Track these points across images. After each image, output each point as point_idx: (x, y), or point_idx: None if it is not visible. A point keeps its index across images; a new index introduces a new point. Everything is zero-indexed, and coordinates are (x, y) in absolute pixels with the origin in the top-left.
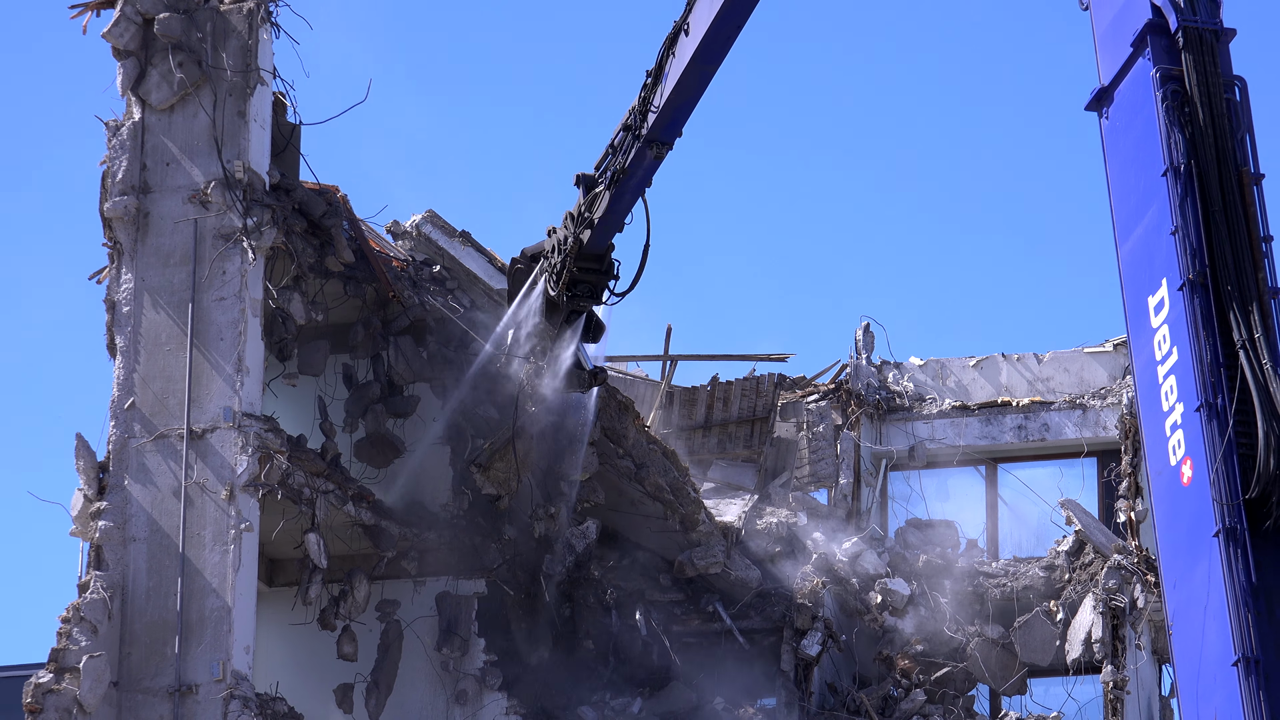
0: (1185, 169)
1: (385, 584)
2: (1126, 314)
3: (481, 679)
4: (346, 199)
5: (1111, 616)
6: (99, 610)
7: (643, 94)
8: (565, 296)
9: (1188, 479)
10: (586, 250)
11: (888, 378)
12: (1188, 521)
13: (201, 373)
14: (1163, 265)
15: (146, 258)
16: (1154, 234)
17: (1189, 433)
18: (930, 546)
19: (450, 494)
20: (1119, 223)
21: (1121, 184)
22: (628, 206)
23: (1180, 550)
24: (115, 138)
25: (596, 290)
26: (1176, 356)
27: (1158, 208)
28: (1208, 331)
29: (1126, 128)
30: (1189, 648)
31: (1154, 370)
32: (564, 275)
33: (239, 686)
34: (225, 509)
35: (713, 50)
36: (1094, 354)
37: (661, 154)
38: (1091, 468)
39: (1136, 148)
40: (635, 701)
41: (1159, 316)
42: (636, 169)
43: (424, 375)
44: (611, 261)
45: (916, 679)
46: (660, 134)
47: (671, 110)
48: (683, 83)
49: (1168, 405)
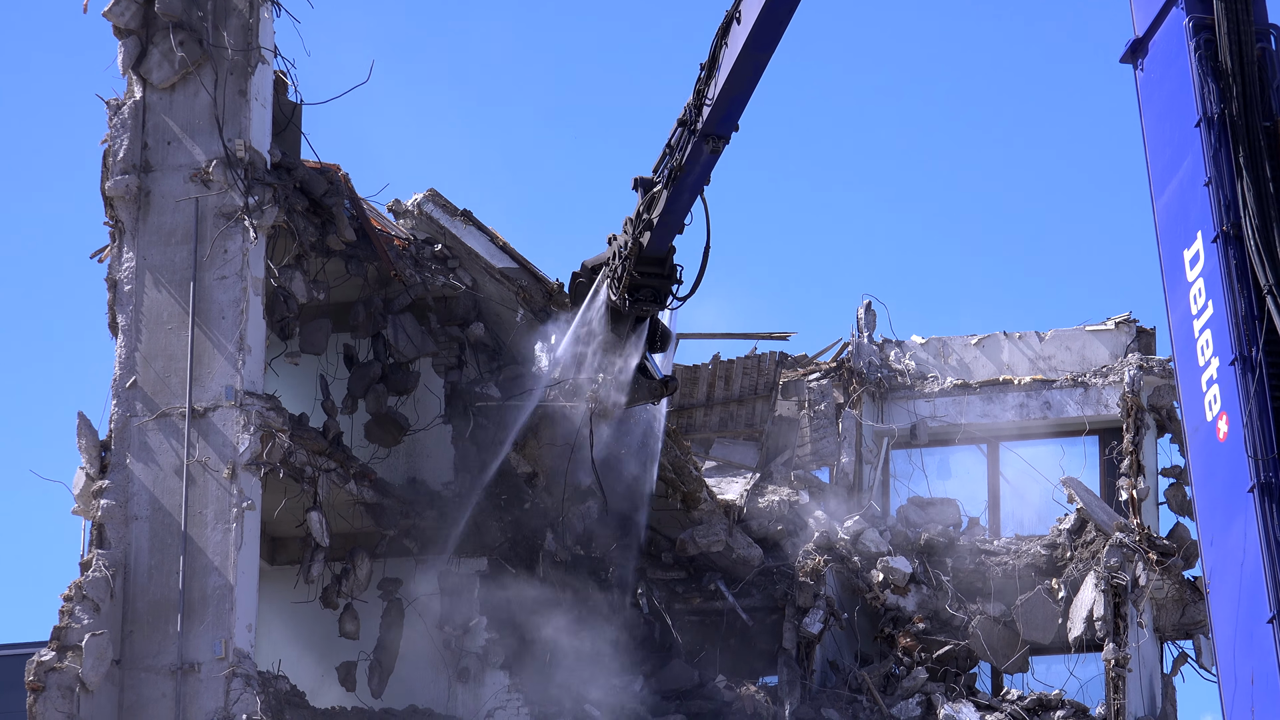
0: (1219, 119)
1: (387, 562)
2: (1163, 268)
3: (484, 657)
4: (348, 178)
5: (1113, 594)
6: (101, 588)
7: (697, 86)
8: (628, 301)
9: (1223, 434)
10: (647, 253)
11: (889, 356)
12: (1223, 478)
13: (203, 351)
14: (1197, 218)
15: (148, 236)
16: (1189, 187)
17: (1224, 387)
18: (932, 524)
19: (452, 472)
20: (1155, 176)
21: (1157, 137)
22: (686, 205)
23: (1216, 507)
24: (116, 116)
25: (660, 294)
26: (1211, 310)
27: (1192, 160)
28: (1242, 283)
29: (1161, 79)
30: (1226, 606)
31: (1190, 325)
32: (625, 279)
33: (241, 665)
34: (227, 487)
35: (765, 37)
36: (1095, 332)
37: (718, 148)
38: (1093, 446)
39: (1171, 99)
40: (637, 679)
41: (1194, 270)
42: (694, 165)
43: (426, 352)
44: (674, 265)
45: (918, 657)
46: (716, 127)
47: (726, 102)
48: (736, 73)
49: (1203, 360)
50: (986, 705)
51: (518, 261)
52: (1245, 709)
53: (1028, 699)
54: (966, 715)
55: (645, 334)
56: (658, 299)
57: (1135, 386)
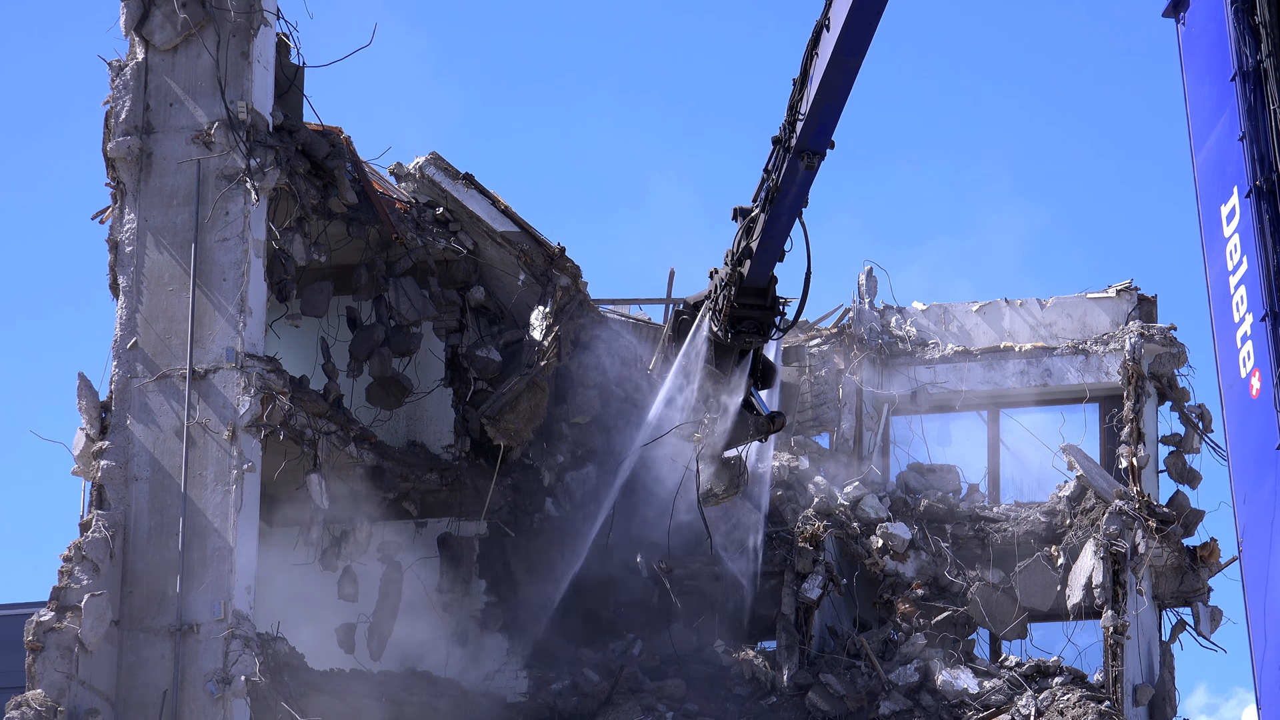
0: (1254, 73)
1: (387, 525)
2: (1201, 224)
3: (482, 620)
4: (350, 141)
5: (1112, 562)
6: (101, 549)
7: (790, 102)
8: (730, 334)
9: (1256, 391)
10: (748, 284)
11: (890, 322)
12: (1256, 435)
13: (204, 313)
14: (1234, 173)
15: (149, 198)
16: (1225, 141)
17: (1257, 344)
18: (932, 491)
19: (453, 435)
20: (1195, 131)
21: (1197, 91)
22: (785, 230)
23: (1249, 465)
24: (119, 78)
25: (763, 326)
26: (1246, 266)
27: (1229, 114)
28: (1275, 238)
29: (1201, 33)
30: (1257, 565)
31: (1226, 281)
32: (726, 312)
33: (240, 626)
34: (227, 449)
35: (854, 42)
36: (1097, 299)
37: (813, 164)
38: (1094, 413)
39: (1210, 53)
40: (636, 644)
41: (1230, 226)
42: (790, 185)
43: (427, 315)
44: (776, 296)
45: (917, 623)
46: (810, 142)
47: (819, 114)
48: (828, 82)
49: (1238, 316)
50: (984, 672)
51: (519, 225)
52: (1276, 673)
53: (1026, 666)
54: (964, 681)
55: (749, 369)
56: (761, 331)
57: (1136, 354)
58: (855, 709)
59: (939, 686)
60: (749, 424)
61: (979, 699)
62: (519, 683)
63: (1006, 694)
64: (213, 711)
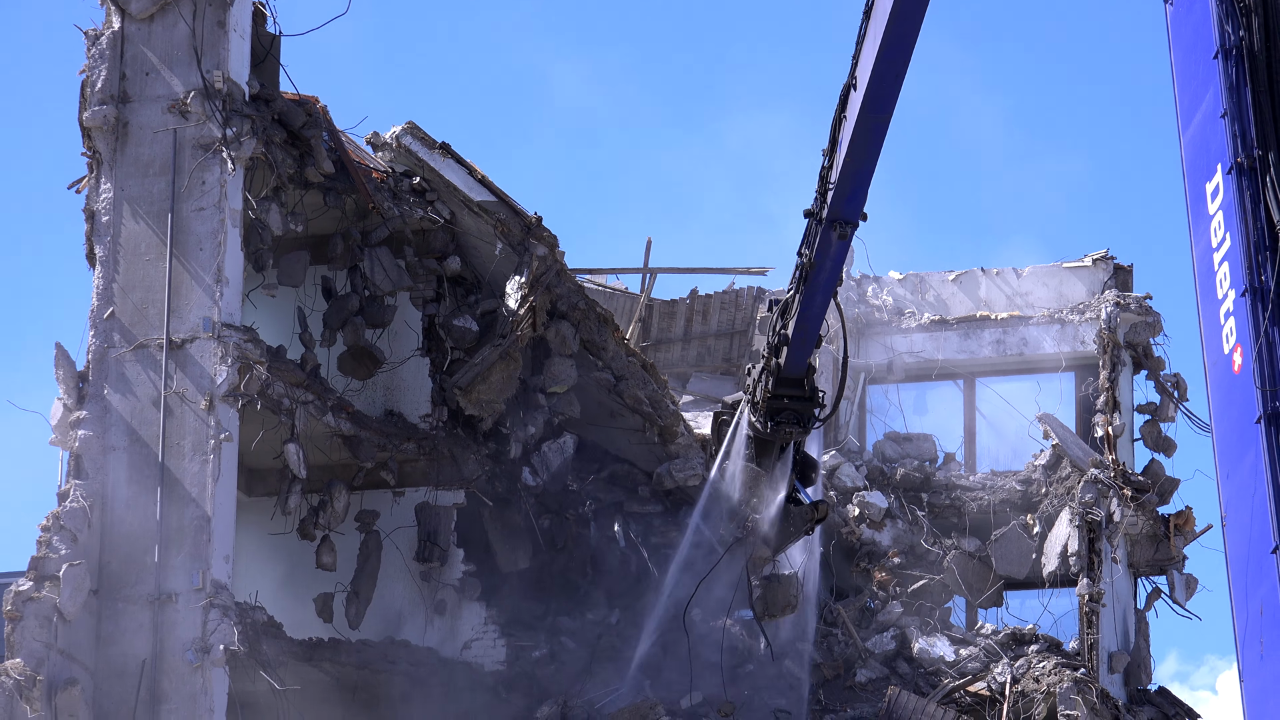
0: (1236, 52)
1: (364, 494)
2: (1188, 202)
3: (460, 589)
4: (326, 110)
5: (1088, 530)
6: (79, 519)
7: (820, 173)
8: (770, 426)
9: (1238, 366)
10: (786, 373)
11: (867, 291)
12: (1238, 410)
13: (181, 283)
14: (1217, 150)
15: (126, 167)
16: (1210, 119)
17: (1239, 319)
18: (908, 460)
19: (430, 405)
20: (1182, 110)
21: (1184, 70)
22: (820, 310)
23: (1232, 439)
24: (95, 47)
25: (802, 417)
26: (1229, 243)
27: (1213, 93)
28: (1255, 215)
29: (1188, 12)
30: (1239, 538)
31: (1210, 258)
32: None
33: (218, 595)
34: (205, 419)
35: (883, 96)
36: (1073, 269)
37: (846, 234)
38: (1069, 382)
39: (1196, 33)
40: (613, 613)
41: (1215, 203)
42: (824, 259)
43: (403, 285)
44: (814, 386)
45: (893, 591)
46: (843, 211)
47: (851, 179)
48: (856, 143)
49: (1221, 292)
50: (960, 639)
51: (496, 195)
52: (1257, 641)
53: (1001, 633)
54: (941, 649)
55: (790, 461)
56: (800, 422)
57: (1112, 323)
58: (832, 677)
59: (915, 654)
60: (795, 518)
61: (955, 667)
62: (497, 651)
63: (982, 662)
64: (191, 680)
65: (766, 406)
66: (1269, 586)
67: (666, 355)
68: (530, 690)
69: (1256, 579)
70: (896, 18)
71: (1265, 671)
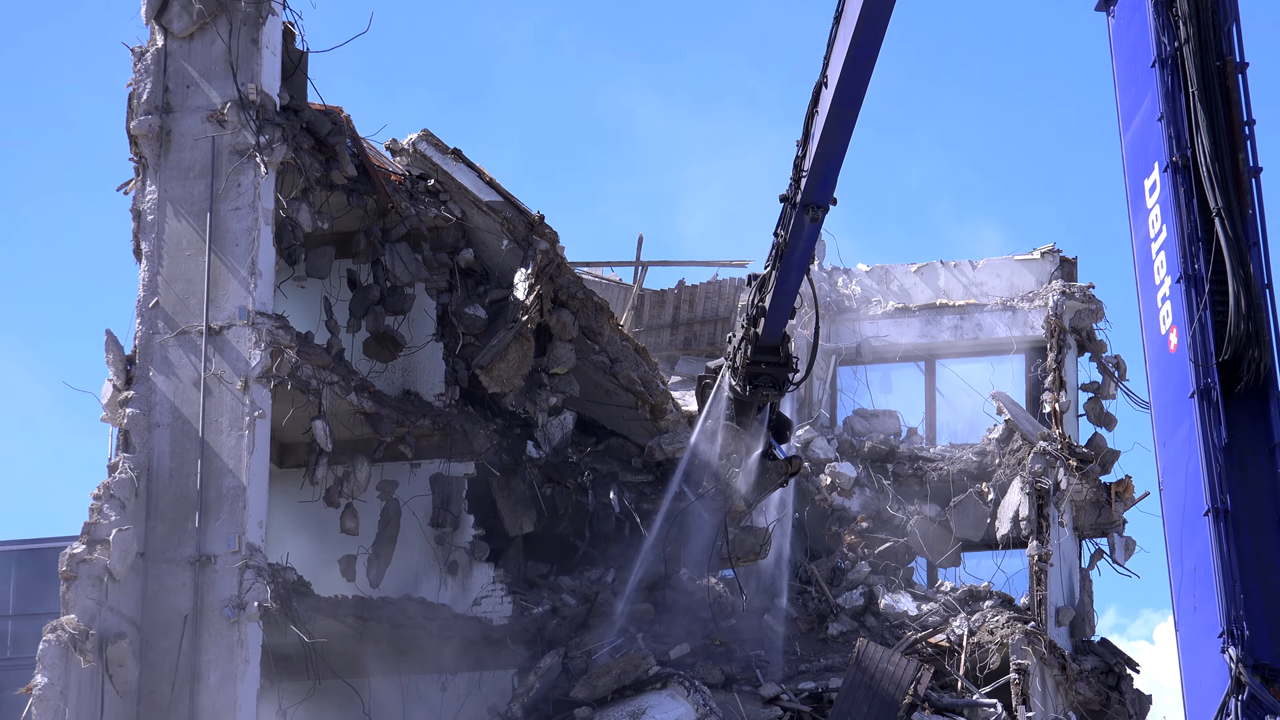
0: (1172, 60)
1: (384, 466)
2: (1128, 197)
3: (471, 552)
4: (350, 119)
5: (1037, 497)
6: (127, 488)
7: (795, 161)
8: (749, 389)
9: (1174, 346)
10: (763, 341)
11: (837, 282)
12: (1174, 386)
13: (219, 275)
14: (1155, 150)
15: (169, 171)
16: (1148, 122)
17: (1174, 303)
18: (875, 434)
19: (444, 385)
20: (1123, 114)
21: (1125, 78)
22: (794, 285)
23: (1168, 413)
24: (140, 63)
25: (778, 381)
26: (1165, 234)
27: (1151, 97)
28: (1188, 208)
29: (1128, 25)
30: (1175, 502)
31: (1149, 248)
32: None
33: (253, 557)
34: (240, 398)
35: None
36: (1023, 261)
37: (818, 217)
38: (1020, 364)
39: (1135, 43)
40: (609, 572)
41: (1152, 198)
42: (798, 240)
43: (419, 277)
44: (788, 352)
45: (862, 552)
46: (815, 196)
47: (822, 167)
48: (828, 135)
49: (1159, 279)
50: (922, 596)
51: (503, 195)
52: (1190, 596)
53: (959, 590)
54: (905, 605)
55: (767, 421)
56: (776, 385)
57: (1058, 310)
58: (806, 630)
59: (882, 609)
60: (771, 472)
61: (918, 620)
62: (504, 607)
63: (942, 616)
64: (229, 634)
65: (746, 371)
66: (1201, 546)
67: (656, 340)
68: (534, 642)
69: (1190, 539)
70: (863, 24)
71: (1197, 622)
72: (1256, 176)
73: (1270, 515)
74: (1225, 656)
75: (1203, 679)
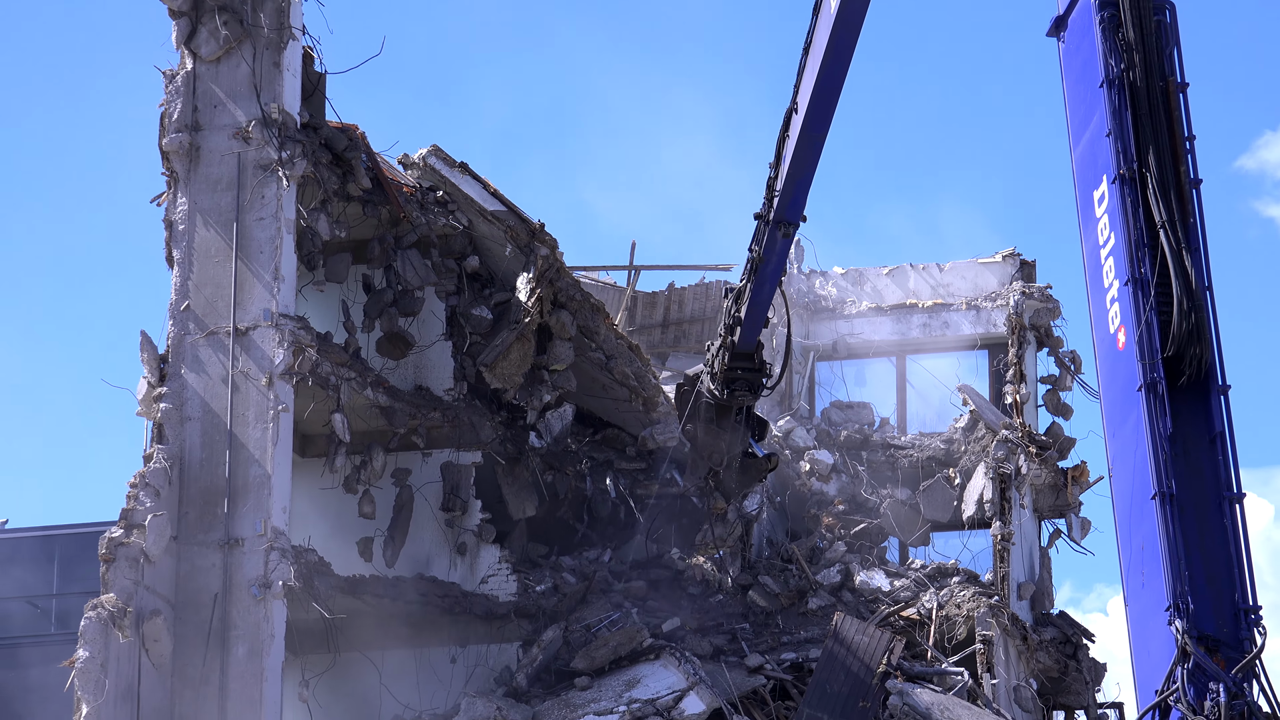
0: (1119, 81)
1: (399, 455)
2: (1079, 207)
3: (478, 534)
4: (365, 135)
5: (1000, 481)
6: (161, 477)
7: (768, 181)
8: (726, 393)
9: (1122, 344)
10: (739, 349)
11: (815, 284)
12: (1122, 380)
13: (245, 280)
14: (1103, 164)
15: (198, 184)
16: (1097, 138)
17: (1123, 304)
18: (850, 424)
19: (452, 380)
20: (1073, 131)
21: (1075, 97)
22: (768, 297)
23: (1117, 405)
24: (171, 85)
25: (753, 385)
26: (1113, 240)
27: (1099, 115)
28: (1134, 217)
29: (1077, 49)
30: (1124, 487)
31: (1098, 254)
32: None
33: (277, 540)
34: (265, 393)
35: (820, 117)
36: (986, 264)
37: (789, 233)
38: (984, 358)
39: (1084, 66)
40: (605, 552)
41: (1101, 207)
42: (771, 254)
43: (429, 281)
44: (762, 360)
45: (839, 533)
46: (786, 214)
47: (793, 187)
48: (798, 157)
49: (1107, 282)
50: (894, 573)
51: (506, 205)
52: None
53: (929, 567)
54: (878, 581)
55: (744, 422)
56: (751, 389)
57: (1019, 309)
58: (788, 604)
59: (857, 585)
60: (750, 469)
61: (890, 595)
62: (509, 585)
63: (913, 591)
64: (255, 611)
65: (723, 377)
66: (1149, 527)
67: (648, 338)
68: (537, 617)
69: (1138, 520)
70: (831, 56)
71: (1145, 597)
72: (1196, 188)
73: (1211, 498)
74: (1172, 628)
75: (1151, 649)
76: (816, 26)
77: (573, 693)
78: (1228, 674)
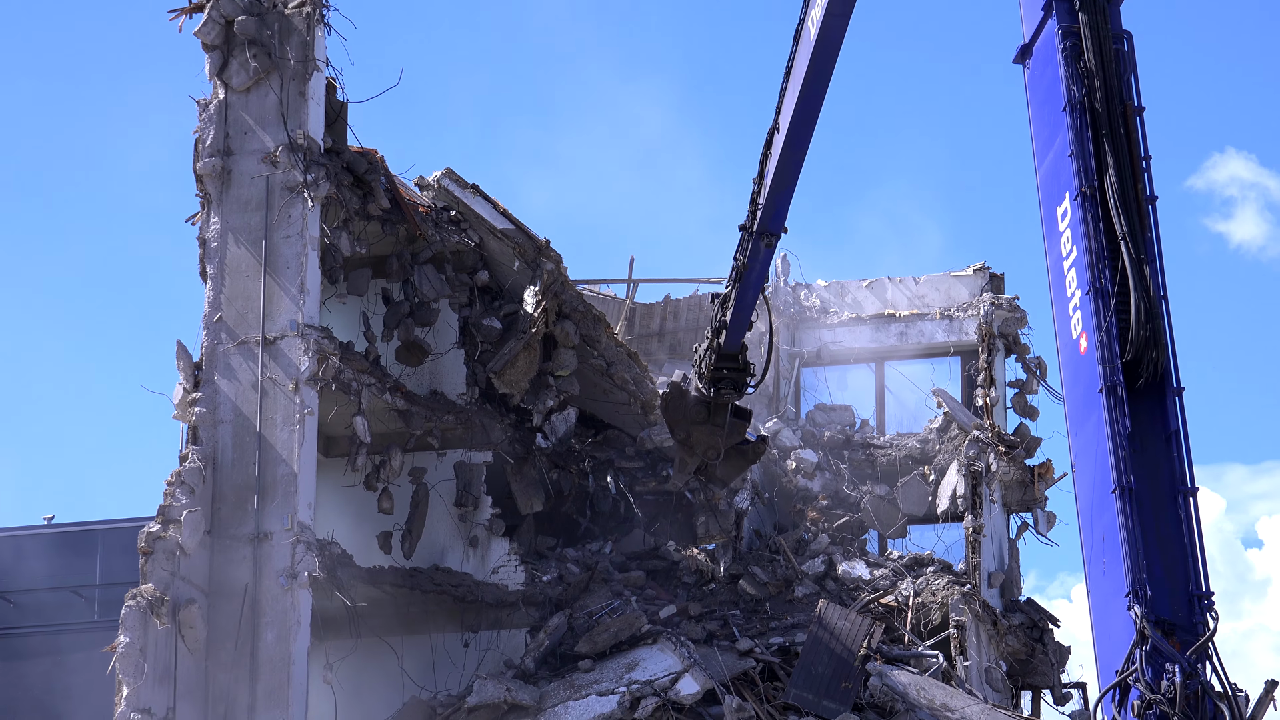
0: (1080, 104)
1: (415, 455)
2: (1043, 222)
3: (489, 528)
4: (383, 159)
5: (971, 478)
6: (195, 476)
7: (751, 195)
8: (713, 391)
9: (1084, 349)
10: (725, 350)
11: (800, 295)
12: (1084, 383)
13: (273, 293)
14: (1066, 182)
15: (229, 205)
16: (1060, 158)
17: (1084, 312)
18: (833, 425)
19: (465, 386)
20: (1037, 151)
21: (1039, 120)
22: (751, 303)
23: (1079, 406)
24: (205, 113)
25: (738, 384)
26: (1076, 253)
27: (1062, 137)
28: (1095, 231)
29: (1041, 75)
30: (1086, 482)
31: (1061, 265)
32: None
33: (303, 534)
34: (292, 398)
35: (801, 136)
36: (959, 276)
37: (771, 243)
38: (956, 364)
39: (1048, 90)
40: (607, 545)
41: (1064, 222)
42: (754, 263)
43: (443, 294)
44: (746, 361)
45: (822, 526)
46: (769, 225)
47: (775, 201)
48: (780, 173)
49: (1070, 292)
50: (874, 563)
51: (515, 224)
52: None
53: (906, 558)
54: (859, 570)
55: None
56: (737, 388)
57: (989, 319)
58: (775, 593)
59: (840, 575)
60: (743, 454)
61: (870, 584)
62: (518, 575)
63: (891, 580)
64: (283, 599)
65: (710, 376)
66: (1109, 519)
67: (646, 346)
68: (543, 604)
69: (1099, 513)
70: (810, 81)
71: (1106, 584)
72: (1152, 204)
73: (1167, 492)
74: (1131, 613)
75: (1111, 633)
76: (797, 53)
77: (577, 675)
78: (1183, 655)
